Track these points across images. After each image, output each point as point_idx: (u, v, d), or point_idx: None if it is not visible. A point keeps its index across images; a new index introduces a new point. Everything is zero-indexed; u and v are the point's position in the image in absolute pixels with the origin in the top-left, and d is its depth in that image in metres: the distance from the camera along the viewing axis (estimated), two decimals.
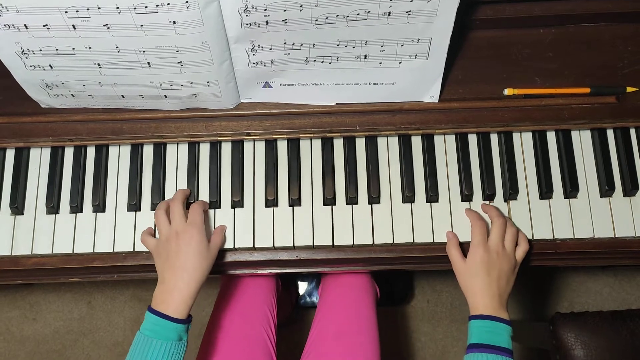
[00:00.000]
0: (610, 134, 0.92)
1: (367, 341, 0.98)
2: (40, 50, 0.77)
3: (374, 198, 0.90)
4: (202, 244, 0.81)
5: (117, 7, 0.70)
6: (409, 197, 0.90)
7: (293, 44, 0.78)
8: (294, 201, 0.90)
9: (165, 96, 0.85)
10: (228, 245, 0.89)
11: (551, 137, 0.92)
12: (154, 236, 0.88)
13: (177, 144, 0.93)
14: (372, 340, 0.99)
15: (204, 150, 0.93)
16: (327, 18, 0.74)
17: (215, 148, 0.93)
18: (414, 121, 0.89)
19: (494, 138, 0.93)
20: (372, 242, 0.89)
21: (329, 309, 1.04)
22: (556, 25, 0.90)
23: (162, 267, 0.82)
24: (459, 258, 0.85)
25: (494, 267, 0.82)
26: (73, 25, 0.73)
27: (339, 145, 0.93)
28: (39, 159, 0.93)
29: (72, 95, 0.86)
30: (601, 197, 0.90)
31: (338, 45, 0.79)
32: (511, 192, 0.89)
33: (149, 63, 0.79)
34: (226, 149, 0.93)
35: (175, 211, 0.83)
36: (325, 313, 1.04)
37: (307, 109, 0.89)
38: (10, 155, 0.93)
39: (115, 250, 0.89)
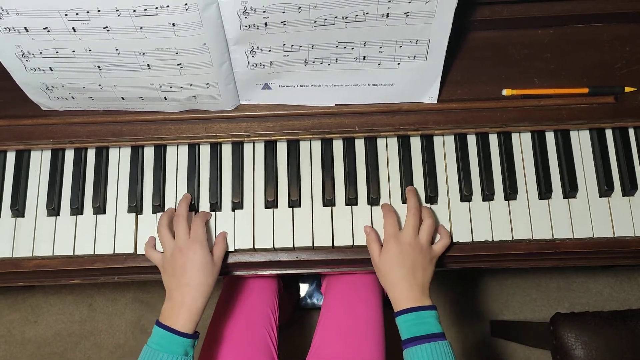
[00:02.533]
0: (608, 134, 0.92)
1: (372, 341, 0.98)
2: (41, 52, 0.77)
3: (373, 199, 0.90)
4: (205, 258, 0.82)
5: (117, 10, 0.71)
6: None
7: (292, 45, 0.79)
8: (294, 202, 0.90)
9: (165, 98, 0.85)
10: (228, 247, 0.89)
11: (550, 137, 0.93)
12: (156, 245, 0.89)
13: (177, 145, 0.93)
14: (377, 341, 0.98)
15: (204, 151, 0.93)
16: (325, 20, 0.74)
17: (215, 149, 0.93)
18: (413, 122, 0.89)
19: (493, 138, 0.93)
20: None
21: (335, 308, 1.03)
22: (554, 25, 0.90)
23: (169, 283, 0.83)
24: (377, 253, 0.84)
25: (408, 258, 0.81)
26: (73, 28, 0.73)
27: (338, 146, 0.93)
28: (40, 162, 0.93)
29: (72, 97, 0.86)
30: (600, 197, 0.90)
31: (337, 46, 0.79)
32: (510, 193, 0.89)
33: (148, 65, 0.79)
34: (226, 151, 0.93)
35: (180, 227, 0.84)
36: (330, 312, 1.04)
37: (306, 110, 0.89)
38: (11, 157, 0.94)
39: (115, 252, 0.89)
